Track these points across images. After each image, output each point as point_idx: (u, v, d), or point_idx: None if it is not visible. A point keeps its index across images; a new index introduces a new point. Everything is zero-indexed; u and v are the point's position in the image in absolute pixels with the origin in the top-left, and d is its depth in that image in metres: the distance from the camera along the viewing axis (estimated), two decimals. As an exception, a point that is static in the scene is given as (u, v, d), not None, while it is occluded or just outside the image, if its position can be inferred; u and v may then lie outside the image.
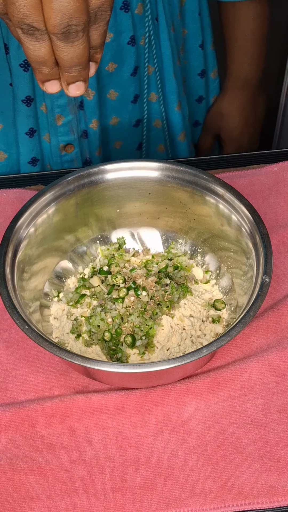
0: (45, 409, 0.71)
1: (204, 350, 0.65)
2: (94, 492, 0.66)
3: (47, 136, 1.04)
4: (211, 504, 0.65)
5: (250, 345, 0.76)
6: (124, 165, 0.81)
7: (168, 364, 0.64)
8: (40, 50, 0.54)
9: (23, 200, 0.91)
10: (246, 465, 0.68)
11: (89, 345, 0.75)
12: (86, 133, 1.05)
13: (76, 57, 0.54)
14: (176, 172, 0.80)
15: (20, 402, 0.72)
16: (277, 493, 0.66)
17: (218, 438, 0.69)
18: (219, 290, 0.80)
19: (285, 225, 0.88)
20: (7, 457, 0.69)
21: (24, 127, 1.01)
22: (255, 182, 0.93)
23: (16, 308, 0.69)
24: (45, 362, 0.76)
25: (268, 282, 0.69)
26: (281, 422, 0.70)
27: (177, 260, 0.81)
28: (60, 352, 0.65)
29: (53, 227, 0.79)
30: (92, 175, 0.80)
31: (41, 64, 0.55)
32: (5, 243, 0.73)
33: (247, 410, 0.71)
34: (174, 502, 0.66)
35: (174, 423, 0.70)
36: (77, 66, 0.55)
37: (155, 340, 0.75)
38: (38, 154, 1.05)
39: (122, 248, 0.84)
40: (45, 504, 0.66)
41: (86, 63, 0.56)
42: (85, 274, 0.82)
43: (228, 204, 0.78)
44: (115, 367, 0.65)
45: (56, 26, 0.51)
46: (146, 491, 0.66)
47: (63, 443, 0.70)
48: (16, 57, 0.94)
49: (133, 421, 0.70)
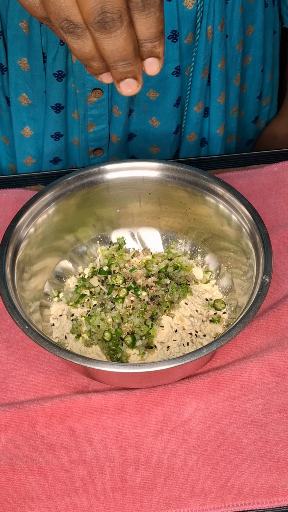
0: (45, 409, 0.71)
1: (204, 350, 0.65)
2: (94, 492, 0.66)
3: (76, 140, 1.05)
4: (211, 504, 0.65)
5: (250, 345, 0.76)
6: (124, 165, 0.81)
7: (168, 364, 0.64)
8: (84, 47, 0.52)
9: (23, 200, 0.91)
10: (246, 465, 0.68)
11: (89, 345, 0.75)
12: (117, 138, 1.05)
13: (117, 50, 0.51)
14: (176, 172, 0.80)
15: (20, 402, 0.72)
16: (277, 493, 0.66)
17: (218, 438, 0.69)
18: (219, 290, 0.80)
19: (285, 225, 0.88)
20: (7, 457, 0.69)
21: (50, 131, 1.02)
22: (255, 182, 0.93)
23: (16, 308, 0.69)
24: (45, 362, 0.76)
25: (268, 282, 0.69)
26: (281, 422, 0.70)
27: (177, 260, 0.81)
28: (60, 352, 0.65)
29: (53, 227, 0.79)
30: (92, 175, 0.80)
31: (89, 60, 0.53)
32: (5, 243, 0.73)
33: (247, 410, 0.71)
34: (174, 502, 0.66)
35: (174, 423, 0.70)
36: (120, 61, 0.52)
37: (155, 340, 0.75)
38: (61, 155, 1.06)
39: (122, 248, 0.84)
40: (45, 504, 0.66)
41: (132, 57, 0.52)
42: (85, 274, 0.82)
43: (228, 204, 0.78)
44: (115, 367, 0.65)
45: (90, 14, 0.49)
46: (146, 491, 0.66)
47: (63, 443, 0.70)
48: (52, 66, 0.95)
49: (133, 421, 0.70)
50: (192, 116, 1.04)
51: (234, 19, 0.97)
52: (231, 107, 1.08)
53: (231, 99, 1.07)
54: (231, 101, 1.07)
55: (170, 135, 1.04)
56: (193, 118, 1.04)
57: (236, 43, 1.00)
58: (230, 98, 1.07)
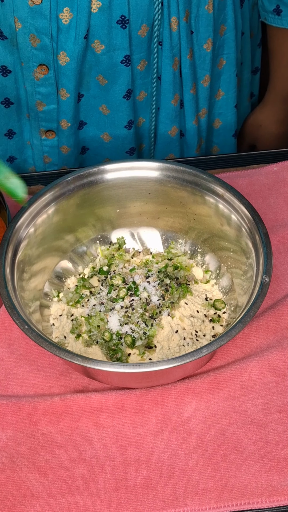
0: (46, 408, 0.71)
1: (204, 350, 0.65)
2: (93, 491, 0.66)
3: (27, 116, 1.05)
4: (210, 504, 0.65)
5: (250, 345, 0.77)
6: (123, 165, 0.81)
7: (168, 364, 0.64)
8: None
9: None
10: (246, 465, 0.68)
11: (89, 345, 0.75)
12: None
13: None
14: (176, 172, 0.80)
15: (20, 401, 0.72)
16: (276, 493, 0.66)
17: (218, 438, 0.69)
18: (219, 290, 0.80)
19: (285, 225, 0.88)
20: (8, 455, 0.69)
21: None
22: (255, 182, 0.93)
23: (16, 308, 0.69)
24: (45, 361, 0.76)
25: (268, 281, 0.69)
26: (281, 422, 0.70)
27: (177, 260, 0.81)
28: (60, 352, 0.65)
29: (53, 227, 0.79)
30: (92, 175, 0.81)
31: None
32: (5, 243, 0.74)
33: (247, 410, 0.71)
34: (174, 501, 0.66)
35: (174, 422, 0.70)
36: None
37: (155, 340, 0.75)
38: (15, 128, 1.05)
39: (122, 248, 0.84)
40: (45, 502, 0.66)
41: None
42: (85, 274, 0.82)
43: (228, 204, 0.78)
44: (115, 367, 0.65)
45: None
46: (146, 490, 0.66)
47: (63, 441, 0.70)
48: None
49: (133, 421, 0.71)
50: (170, 110, 1.03)
51: (201, 15, 0.96)
52: (200, 109, 1.06)
53: (199, 100, 1.05)
54: (200, 101, 1.05)
55: (121, 128, 1.03)
56: (171, 112, 1.03)
57: (203, 41, 0.99)
58: (199, 98, 1.05)
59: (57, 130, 1.02)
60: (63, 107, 0.98)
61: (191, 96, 1.02)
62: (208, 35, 0.98)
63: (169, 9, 0.93)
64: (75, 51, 0.91)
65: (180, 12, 0.93)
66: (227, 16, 1.00)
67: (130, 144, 1.05)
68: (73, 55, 0.92)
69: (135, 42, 0.94)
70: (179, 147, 1.09)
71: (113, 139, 1.04)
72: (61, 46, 0.91)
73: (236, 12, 1.01)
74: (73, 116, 0.99)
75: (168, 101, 1.02)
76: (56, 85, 0.96)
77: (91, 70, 0.95)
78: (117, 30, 0.91)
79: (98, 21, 0.89)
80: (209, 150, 1.15)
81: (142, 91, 1.01)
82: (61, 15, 0.88)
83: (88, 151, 1.07)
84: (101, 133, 1.04)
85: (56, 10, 0.88)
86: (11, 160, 1.08)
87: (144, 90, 1.01)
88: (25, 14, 0.88)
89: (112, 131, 1.03)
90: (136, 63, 0.97)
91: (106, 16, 0.89)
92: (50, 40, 0.90)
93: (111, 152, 1.06)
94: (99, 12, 0.89)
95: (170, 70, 0.98)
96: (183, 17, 0.94)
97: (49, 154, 1.05)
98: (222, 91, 1.08)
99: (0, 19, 0.90)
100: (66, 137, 1.02)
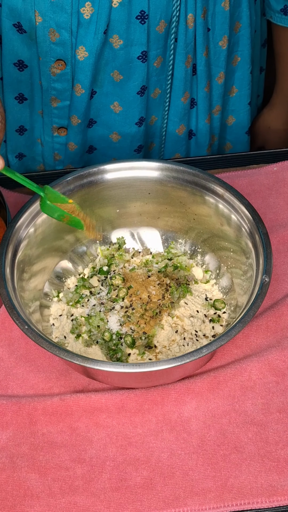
0: (46, 408, 0.71)
1: (204, 350, 0.65)
2: (93, 491, 0.66)
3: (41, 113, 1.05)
4: (210, 504, 0.65)
5: (250, 345, 0.77)
6: (123, 165, 0.81)
7: (168, 364, 0.64)
8: None
9: (23, 200, 0.91)
10: (246, 465, 0.68)
11: (89, 345, 0.75)
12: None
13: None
14: (175, 172, 0.80)
15: (21, 400, 0.72)
16: (276, 493, 0.66)
17: (218, 438, 0.69)
18: (219, 290, 0.80)
19: (285, 225, 0.88)
20: (8, 454, 0.69)
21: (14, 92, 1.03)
22: (255, 182, 0.93)
23: (16, 308, 0.69)
24: (45, 361, 0.76)
25: (268, 281, 0.69)
26: (281, 422, 0.70)
27: (177, 260, 0.81)
28: (60, 352, 0.65)
29: (53, 227, 0.79)
30: (92, 175, 0.81)
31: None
32: (5, 243, 0.74)
33: (247, 410, 0.71)
34: (174, 501, 0.66)
35: (174, 422, 0.70)
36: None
37: (155, 340, 0.75)
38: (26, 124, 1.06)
39: (122, 248, 0.84)
40: (45, 502, 0.66)
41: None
42: (85, 274, 0.82)
43: (228, 203, 0.78)
44: (115, 367, 0.65)
45: None
46: (146, 490, 0.66)
47: (63, 441, 0.70)
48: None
49: (133, 421, 0.71)
50: (179, 108, 1.03)
51: (217, 13, 0.96)
52: (214, 106, 1.07)
53: (213, 97, 1.05)
54: (213, 99, 1.06)
55: (132, 125, 1.03)
56: (180, 110, 1.03)
57: (218, 39, 0.99)
58: (213, 96, 1.05)
59: (68, 126, 1.02)
60: (76, 103, 0.98)
61: (205, 94, 1.03)
62: (223, 32, 0.99)
63: (186, 6, 0.93)
64: (94, 46, 0.91)
65: (197, 8, 0.94)
66: (242, 13, 1.00)
67: (139, 141, 1.05)
68: (92, 50, 0.92)
69: (153, 38, 0.94)
70: (185, 147, 1.09)
71: (122, 138, 1.04)
72: (80, 40, 0.91)
73: (250, 9, 1.01)
74: (84, 112, 0.99)
75: (178, 99, 1.02)
76: (72, 81, 0.96)
77: (107, 65, 0.95)
78: (135, 25, 0.92)
79: (118, 16, 0.90)
80: (222, 147, 1.15)
81: (157, 88, 1.00)
82: (83, 9, 0.88)
83: (95, 151, 1.07)
84: (110, 132, 1.04)
85: (78, 5, 0.88)
86: (20, 157, 1.08)
87: (158, 87, 1.01)
88: (46, 8, 0.88)
89: (121, 129, 1.03)
90: (153, 59, 0.96)
91: (126, 11, 0.89)
92: (69, 34, 0.91)
93: (119, 152, 1.06)
94: (120, 7, 0.89)
95: (183, 67, 0.98)
96: (201, 14, 0.94)
97: (59, 151, 1.05)
98: (236, 88, 1.08)
99: (20, 13, 0.90)
100: (75, 133, 1.02)
